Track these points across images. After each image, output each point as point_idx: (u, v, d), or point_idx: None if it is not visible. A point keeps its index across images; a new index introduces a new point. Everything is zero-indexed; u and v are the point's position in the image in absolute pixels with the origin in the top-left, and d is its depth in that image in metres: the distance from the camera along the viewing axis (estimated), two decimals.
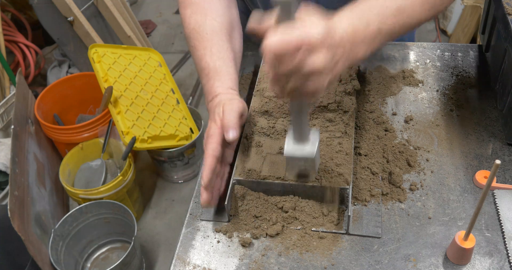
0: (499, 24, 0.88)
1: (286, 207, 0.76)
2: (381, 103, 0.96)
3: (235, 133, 0.74)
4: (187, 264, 0.74)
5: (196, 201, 0.83)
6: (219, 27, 0.89)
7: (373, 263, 0.71)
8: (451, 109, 0.94)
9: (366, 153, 0.84)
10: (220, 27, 0.89)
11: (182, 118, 2.02)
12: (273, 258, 0.73)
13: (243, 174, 0.77)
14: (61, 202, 2.00)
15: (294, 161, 0.73)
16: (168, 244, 2.00)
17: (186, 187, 2.24)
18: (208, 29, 0.88)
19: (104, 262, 1.87)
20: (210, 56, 0.85)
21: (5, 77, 2.23)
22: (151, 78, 2.03)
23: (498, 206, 0.77)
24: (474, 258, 0.71)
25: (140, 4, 3.60)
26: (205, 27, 0.88)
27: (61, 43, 2.28)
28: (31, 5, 2.15)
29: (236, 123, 0.75)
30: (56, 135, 1.90)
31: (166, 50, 3.10)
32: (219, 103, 0.79)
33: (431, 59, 1.06)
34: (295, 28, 0.56)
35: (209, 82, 0.84)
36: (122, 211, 1.74)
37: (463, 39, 2.62)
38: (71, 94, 2.12)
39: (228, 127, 0.74)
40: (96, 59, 1.91)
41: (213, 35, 0.87)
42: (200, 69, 0.86)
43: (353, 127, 0.83)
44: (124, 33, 2.38)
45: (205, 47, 0.86)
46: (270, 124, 0.84)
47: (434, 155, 0.86)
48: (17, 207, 1.50)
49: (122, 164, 1.94)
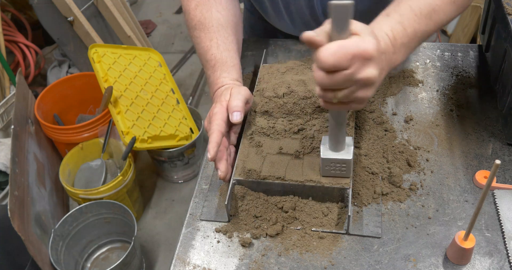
0: (499, 24, 0.88)
1: (286, 207, 0.76)
2: (381, 103, 0.96)
3: (239, 116, 0.76)
4: (187, 264, 0.74)
5: (196, 201, 0.83)
6: (224, 20, 0.90)
7: (373, 263, 0.71)
8: (451, 109, 0.94)
9: (366, 153, 0.84)
10: (225, 19, 0.90)
11: (182, 118, 2.02)
12: (273, 258, 0.73)
13: (243, 174, 0.77)
14: (61, 202, 1.99)
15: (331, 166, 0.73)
16: (168, 244, 2.00)
17: (186, 187, 2.24)
18: (214, 21, 0.89)
19: (104, 262, 1.87)
20: (216, 48, 0.86)
21: (5, 77, 2.23)
22: (151, 78, 2.03)
23: (498, 206, 0.77)
24: (474, 258, 0.71)
25: (140, 4, 3.60)
26: (211, 19, 0.89)
27: (61, 43, 2.28)
28: (31, 5, 2.15)
29: (242, 106, 0.77)
30: (56, 135, 1.90)
31: (166, 50, 3.10)
32: (226, 89, 0.81)
33: (431, 59, 1.06)
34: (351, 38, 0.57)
35: (215, 73, 0.85)
36: (122, 211, 1.74)
37: (463, 39, 2.62)
38: (71, 94, 2.12)
39: (234, 108, 0.76)
40: (96, 59, 1.91)
41: (219, 27, 0.88)
42: (205, 60, 0.87)
43: (353, 127, 0.83)
44: (124, 33, 2.38)
45: (211, 38, 0.87)
46: (270, 124, 0.84)
47: (434, 155, 0.86)
48: (17, 207, 1.50)
49: (122, 164, 1.94)
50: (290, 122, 0.84)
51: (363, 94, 0.61)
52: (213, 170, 0.87)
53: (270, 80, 0.92)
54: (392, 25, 0.70)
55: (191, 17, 0.92)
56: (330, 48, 0.56)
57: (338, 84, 0.59)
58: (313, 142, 0.80)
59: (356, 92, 0.61)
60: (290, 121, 0.84)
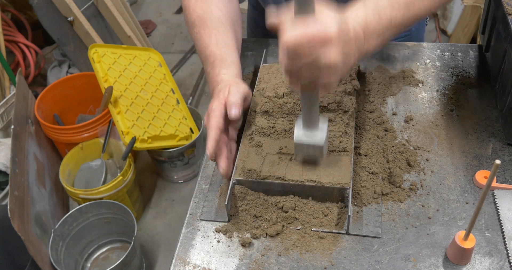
0: (499, 24, 0.88)
1: (286, 207, 0.76)
2: (381, 103, 0.96)
3: (237, 111, 0.76)
4: (187, 264, 0.74)
5: (196, 201, 0.83)
6: (224, 16, 0.90)
7: (373, 263, 0.71)
8: (451, 109, 0.94)
9: (366, 153, 0.84)
10: (225, 16, 0.90)
11: (182, 118, 2.02)
12: (273, 258, 0.73)
13: (243, 174, 0.77)
14: (61, 202, 2.00)
15: (303, 147, 0.75)
16: (168, 244, 2.00)
17: (186, 187, 2.24)
18: (213, 17, 0.89)
19: (104, 262, 1.87)
20: (215, 45, 0.86)
21: (5, 77, 2.23)
22: (151, 78, 2.03)
23: (498, 206, 0.77)
24: (474, 258, 0.71)
25: (140, 4, 3.60)
26: (211, 16, 0.89)
27: (61, 43, 2.28)
28: (31, 5, 2.15)
29: (239, 103, 0.77)
30: (56, 135, 1.90)
31: (166, 50, 3.10)
32: (225, 86, 0.81)
33: (431, 59, 1.06)
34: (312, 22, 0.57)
35: (214, 70, 0.85)
36: (122, 211, 1.74)
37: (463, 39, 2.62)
38: (71, 94, 2.12)
39: (232, 104, 0.76)
40: (96, 59, 1.91)
41: (218, 24, 0.89)
42: (205, 57, 0.87)
43: (353, 127, 0.83)
44: (124, 33, 2.38)
45: (210, 35, 0.87)
46: (270, 124, 0.84)
47: (434, 155, 0.86)
48: (17, 207, 1.50)
49: (122, 164, 1.94)
50: (290, 122, 0.84)
51: (326, 79, 0.61)
52: (213, 170, 0.87)
53: (270, 80, 0.92)
54: (367, 13, 0.69)
55: (191, 13, 0.92)
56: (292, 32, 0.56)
57: (300, 69, 0.59)
58: None
59: (319, 77, 0.61)
60: (290, 121, 0.84)
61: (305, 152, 0.76)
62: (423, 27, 1.25)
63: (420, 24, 1.22)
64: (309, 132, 0.73)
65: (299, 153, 0.77)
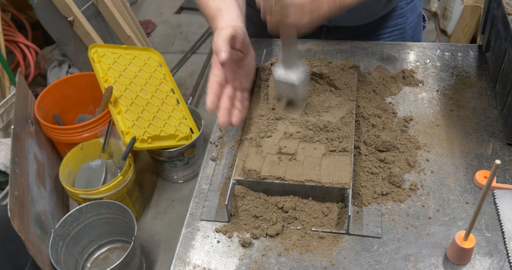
0: (499, 24, 0.88)
1: (286, 207, 0.76)
2: (381, 103, 0.96)
3: (223, 54, 0.77)
4: (187, 264, 0.74)
5: (196, 201, 0.83)
6: None
7: (373, 263, 0.71)
8: (451, 109, 0.94)
9: (366, 153, 0.84)
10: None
11: (182, 118, 2.02)
12: (273, 258, 0.73)
13: (243, 174, 0.77)
14: (61, 202, 2.00)
15: (281, 85, 0.83)
16: (168, 244, 2.00)
17: (186, 187, 2.24)
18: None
19: (104, 262, 1.87)
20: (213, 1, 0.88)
21: (5, 77, 2.23)
22: (151, 78, 2.03)
23: (498, 206, 0.77)
24: (474, 258, 0.71)
25: (140, 4, 3.60)
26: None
27: (61, 43, 2.28)
28: (31, 5, 2.15)
29: (223, 45, 0.78)
30: (56, 135, 1.90)
31: (166, 50, 3.10)
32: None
33: (431, 59, 1.06)
34: None
35: (213, 24, 0.87)
36: (122, 211, 1.74)
37: (463, 39, 2.62)
38: (71, 94, 2.12)
39: (216, 50, 0.78)
40: (96, 59, 1.91)
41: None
42: (206, 15, 0.90)
43: (353, 127, 0.83)
44: (124, 33, 2.38)
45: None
46: (270, 124, 0.84)
47: (434, 155, 0.86)
48: (17, 207, 1.50)
49: (122, 164, 1.94)
50: (290, 122, 0.84)
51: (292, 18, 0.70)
52: (213, 170, 0.87)
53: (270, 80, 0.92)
54: None
55: None
56: None
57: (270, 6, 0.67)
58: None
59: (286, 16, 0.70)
60: (290, 121, 0.84)
61: (283, 91, 0.84)
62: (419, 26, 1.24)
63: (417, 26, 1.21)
64: (288, 71, 0.81)
65: (278, 92, 0.86)
